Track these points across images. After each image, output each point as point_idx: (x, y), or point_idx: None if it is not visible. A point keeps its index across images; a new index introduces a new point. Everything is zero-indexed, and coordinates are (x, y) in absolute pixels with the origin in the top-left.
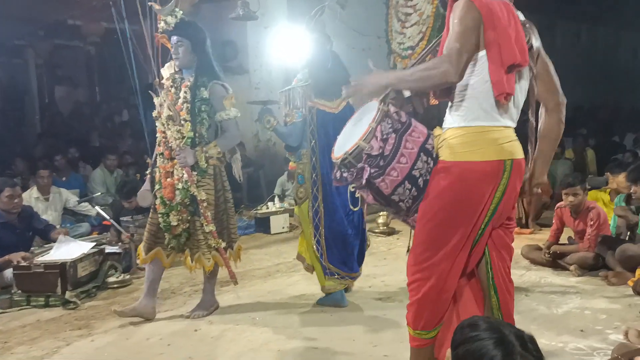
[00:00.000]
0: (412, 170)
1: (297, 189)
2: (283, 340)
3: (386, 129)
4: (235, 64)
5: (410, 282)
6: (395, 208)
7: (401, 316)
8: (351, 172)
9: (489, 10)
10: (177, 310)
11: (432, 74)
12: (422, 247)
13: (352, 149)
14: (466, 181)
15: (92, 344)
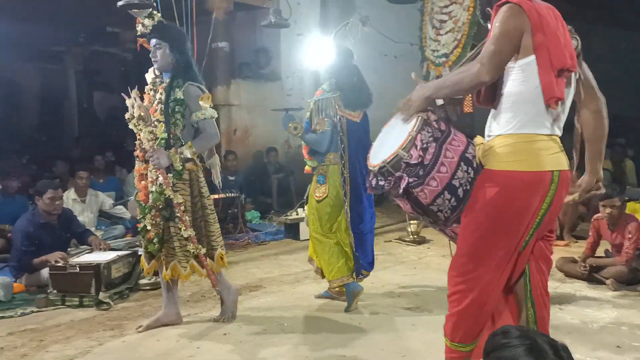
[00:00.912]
0: (452, 180)
1: (317, 188)
2: (311, 347)
3: (426, 138)
4: (268, 70)
5: (452, 293)
6: (432, 218)
7: (431, 326)
8: (388, 181)
9: (538, 14)
10: (207, 313)
11: (464, 76)
12: (466, 258)
13: (391, 158)
14: (512, 191)
15: (123, 345)
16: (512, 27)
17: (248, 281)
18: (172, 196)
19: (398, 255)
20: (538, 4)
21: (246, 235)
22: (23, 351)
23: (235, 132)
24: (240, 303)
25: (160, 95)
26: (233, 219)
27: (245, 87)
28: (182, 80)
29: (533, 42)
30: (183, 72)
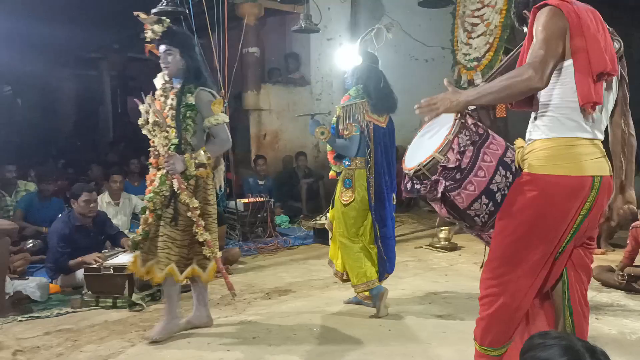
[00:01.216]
0: (490, 185)
1: (343, 192)
2: (340, 352)
3: (463, 141)
4: (297, 75)
5: (483, 296)
6: (469, 222)
7: (462, 335)
8: (424, 185)
9: (577, 17)
10: (237, 316)
11: (515, 82)
12: (499, 261)
13: (427, 161)
14: (550, 196)
15: (155, 346)
16: (556, 30)
17: (277, 285)
18: (189, 201)
19: (429, 261)
20: (578, 6)
21: (275, 239)
22: (58, 350)
23: (265, 136)
24: (269, 307)
25: (172, 101)
26: (262, 223)
27: (275, 91)
28: (194, 86)
29: (571, 45)
30: (194, 77)
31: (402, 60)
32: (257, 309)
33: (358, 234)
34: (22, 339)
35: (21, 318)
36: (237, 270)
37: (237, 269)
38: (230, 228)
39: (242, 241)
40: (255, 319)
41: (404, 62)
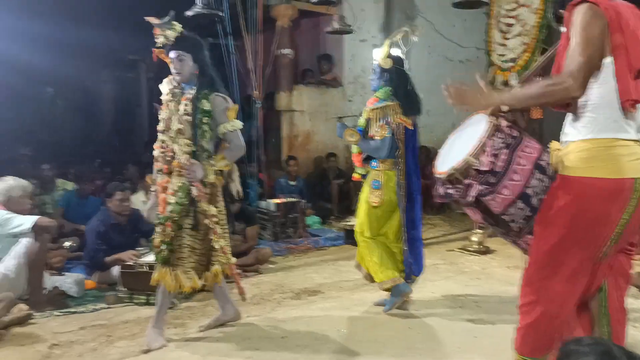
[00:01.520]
0: (525, 189)
1: (372, 193)
2: (368, 354)
3: (497, 144)
4: (330, 77)
5: (522, 304)
6: (504, 228)
7: (494, 340)
8: (457, 189)
9: (616, 13)
10: (267, 315)
11: (553, 90)
12: (537, 268)
13: (460, 164)
14: (586, 199)
15: (186, 343)
16: (595, 30)
17: (307, 286)
18: (207, 208)
19: (460, 264)
20: (616, 1)
21: (306, 240)
22: (93, 345)
23: (297, 137)
24: (299, 307)
25: (186, 107)
26: (293, 223)
27: (308, 93)
28: (209, 91)
29: (611, 42)
30: (208, 82)
31: (435, 62)
32: (287, 308)
33: (380, 233)
34: (58, 333)
35: (58, 313)
36: (268, 270)
37: (268, 269)
38: (261, 228)
39: (273, 241)
40: (284, 319)
41: (437, 63)
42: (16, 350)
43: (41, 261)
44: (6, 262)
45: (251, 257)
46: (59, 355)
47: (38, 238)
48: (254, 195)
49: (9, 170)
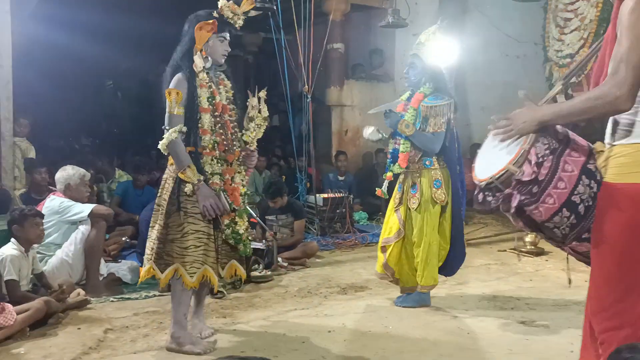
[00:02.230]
0: (571, 196)
1: (436, 192)
2: (416, 353)
3: (541, 151)
4: (381, 71)
5: (600, 331)
6: (548, 234)
7: (546, 343)
8: (496, 197)
9: None
10: (314, 309)
11: (597, 105)
12: (607, 288)
13: (500, 173)
14: (636, 208)
15: (234, 333)
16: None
17: (354, 281)
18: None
19: (513, 265)
20: None
21: (353, 235)
22: (145, 331)
23: (347, 132)
24: (345, 302)
25: (227, 93)
26: (341, 218)
27: (358, 87)
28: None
29: None
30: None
31: (492, 57)
32: (333, 303)
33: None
34: (112, 318)
35: (113, 299)
36: (315, 264)
37: (315, 263)
38: (309, 222)
39: (320, 235)
40: (330, 313)
41: (494, 58)
42: (73, 333)
43: (98, 248)
44: (65, 248)
45: (298, 250)
46: (113, 340)
47: (95, 225)
48: (303, 190)
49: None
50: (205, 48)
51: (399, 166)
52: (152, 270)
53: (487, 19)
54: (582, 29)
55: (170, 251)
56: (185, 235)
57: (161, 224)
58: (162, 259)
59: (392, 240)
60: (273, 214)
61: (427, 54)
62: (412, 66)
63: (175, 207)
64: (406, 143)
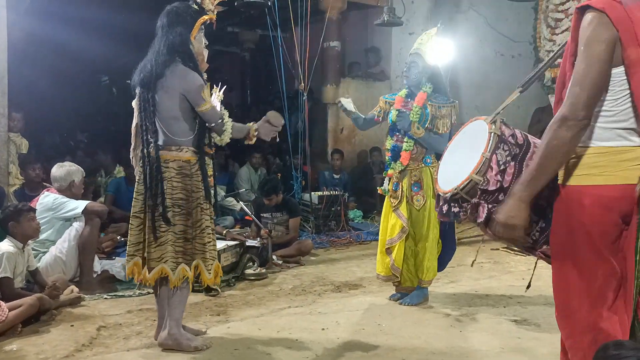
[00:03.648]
0: (538, 200)
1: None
2: (408, 350)
3: (503, 158)
4: (378, 70)
5: (564, 337)
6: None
7: (538, 342)
8: (464, 208)
9: (630, 22)
10: (307, 307)
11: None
12: (564, 294)
13: (464, 184)
14: (584, 209)
15: (228, 330)
16: (601, 47)
17: (348, 279)
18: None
19: (505, 264)
20: (630, 5)
21: (348, 233)
22: (139, 329)
23: (342, 130)
24: (339, 300)
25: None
26: (336, 216)
27: (355, 86)
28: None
29: (624, 58)
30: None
31: (487, 56)
32: (327, 301)
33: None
34: (106, 315)
35: (106, 296)
36: (309, 262)
37: (309, 261)
38: (304, 220)
39: (315, 233)
40: (324, 311)
41: (489, 58)
42: (66, 330)
43: (92, 245)
44: (59, 245)
45: (293, 248)
46: (106, 337)
47: (89, 222)
48: (298, 187)
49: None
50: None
51: (400, 164)
52: (185, 270)
53: (482, 19)
54: None
55: (192, 249)
56: (202, 232)
57: (183, 224)
58: (180, 258)
59: (396, 240)
60: (268, 212)
61: (428, 54)
62: (413, 65)
63: (191, 204)
64: (410, 142)
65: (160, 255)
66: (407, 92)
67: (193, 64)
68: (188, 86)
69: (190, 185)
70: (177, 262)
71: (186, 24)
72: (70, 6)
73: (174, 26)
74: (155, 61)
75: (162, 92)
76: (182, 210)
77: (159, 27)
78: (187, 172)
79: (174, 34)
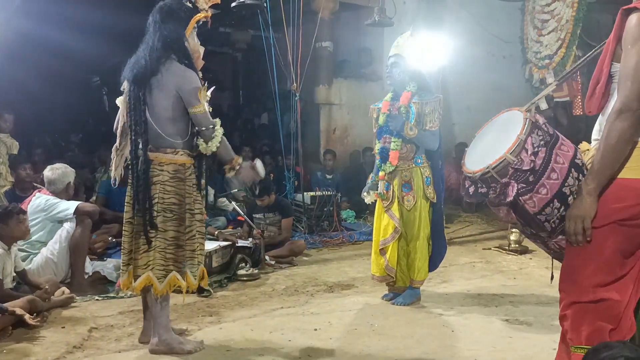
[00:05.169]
0: (562, 187)
1: (428, 189)
2: (401, 350)
3: (537, 142)
4: (370, 70)
5: (573, 313)
6: (537, 228)
7: (529, 341)
8: (493, 188)
9: None
10: (300, 308)
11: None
12: (571, 265)
13: (497, 163)
14: (622, 200)
15: (220, 331)
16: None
17: (340, 279)
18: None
19: (497, 264)
20: None
21: (340, 233)
22: (130, 330)
23: (335, 131)
24: (332, 300)
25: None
26: (328, 216)
27: (347, 86)
28: None
29: None
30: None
31: (478, 56)
32: (320, 301)
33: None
34: (97, 316)
35: (98, 297)
36: (302, 262)
37: (302, 261)
38: (296, 220)
39: (308, 234)
40: (317, 312)
41: (480, 58)
42: (57, 331)
43: (83, 246)
44: (50, 246)
45: (286, 249)
46: (98, 338)
47: (80, 224)
48: (290, 188)
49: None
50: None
51: (390, 164)
52: (176, 279)
53: (473, 19)
54: (559, 30)
55: (183, 256)
56: (192, 238)
57: (175, 229)
58: (170, 266)
59: (389, 241)
60: (260, 212)
61: (408, 54)
62: (395, 65)
63: (183, 210)
64: (397, 141)
65: (147, 262)
66: (392, 95)
67: (189, 62)
68: (184, 85)
69: (183, 190)
70: (167, 269)
71: (180, 20)
72: (61, 6)
73: (167, 22)
74: (150, 57)
75: (157, 90)
76: (174, 216)
77: (151, 22)
78: (182, 177)
79: (168, 30)
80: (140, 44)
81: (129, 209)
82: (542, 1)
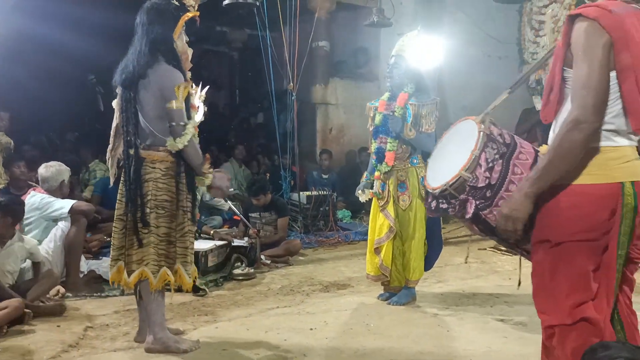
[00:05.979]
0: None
1: (423, 189)
2: (396, 350)
3: (491, 155)
4: (366, 70)
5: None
6: (501, 240)
7: (524, 340)
8: (452, 204)
9: (621, 31)
10: (295, 307)
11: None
12: (542, 281)
13: (453, 180)
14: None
15: (215, 330)
16: (600, 55)
17: (336, 279)
18: None
19: (492, 264)
20: (621, 13)
21: (336, 233)
22: (126, 329)
23: (331, 130)
24: (327, 300)
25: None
26: (324, 216)
27: (343, 86)
28: None
29: (617, 62)
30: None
31: (473, 57)
32: (315, 300)
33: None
34: (93, 316)
35: (93, 296)
36: (298, 262)
37: (298, 261)
38: (292, 220)
39: (304, 233)
40: (312, 311)
41: (475, 59)
42: (53, 330)
43: (78, 245)
44: (45, 245)
45: (281, 248)
46: (93, 338)
47: (75, 222)
48: (286, 187)
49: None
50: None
51: (386, 164)
52: (167, 274)
53: (469, 20)
54: (556, 31)
55: (174, 253)
56: (185, 235)
57: (167, 226)
58: (162, 262)
59: (384, 240)
60: (256, 212)
61: (411, 55)
62: (396, 67)
63: (175, 207)
64: (393, 142)
65: (141, 257)
66: (390, 94)
67: (176, 62)
68: (164, 82)
69: (175, 187)
70: (159, 265)
71: (168, 21)
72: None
73: (154, 24)
74: (137, 62)
75: (144, 91)
76: (166, 212)
77: (139, 24)
78: (173, 174)
79: (155, 33)
80: (130, 45)
81: (120, 206)
82: (539, 2)
